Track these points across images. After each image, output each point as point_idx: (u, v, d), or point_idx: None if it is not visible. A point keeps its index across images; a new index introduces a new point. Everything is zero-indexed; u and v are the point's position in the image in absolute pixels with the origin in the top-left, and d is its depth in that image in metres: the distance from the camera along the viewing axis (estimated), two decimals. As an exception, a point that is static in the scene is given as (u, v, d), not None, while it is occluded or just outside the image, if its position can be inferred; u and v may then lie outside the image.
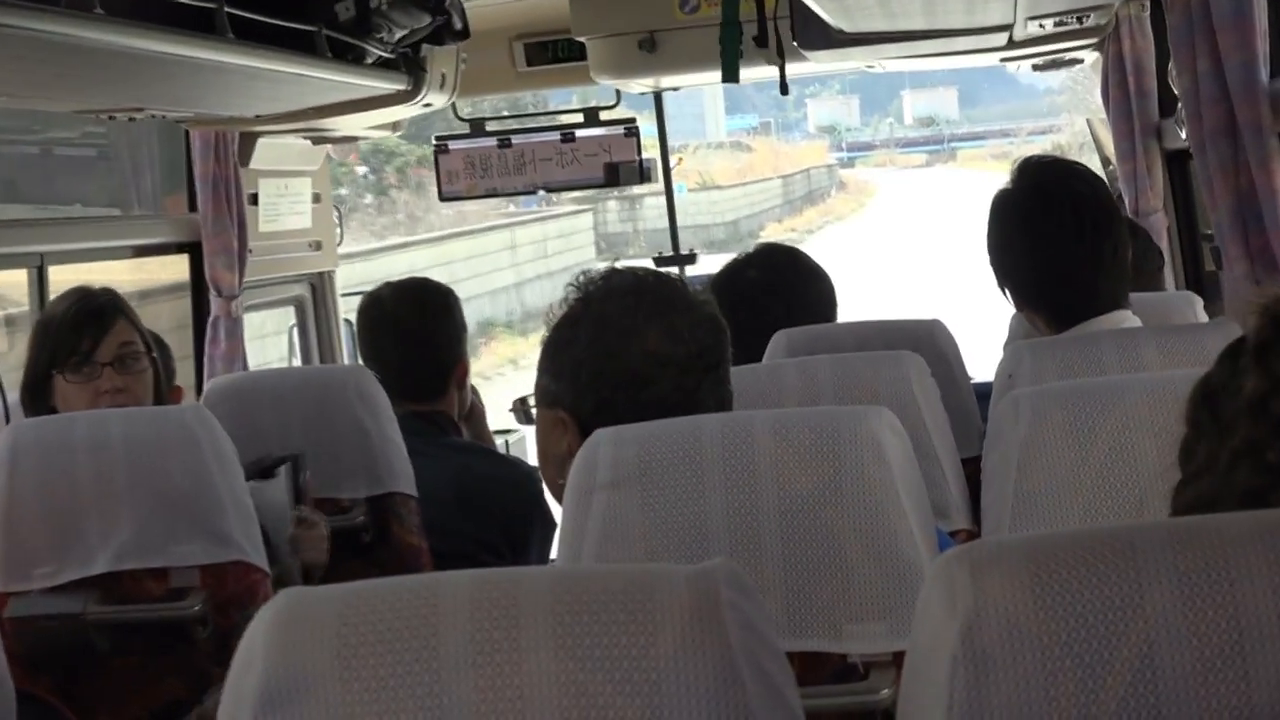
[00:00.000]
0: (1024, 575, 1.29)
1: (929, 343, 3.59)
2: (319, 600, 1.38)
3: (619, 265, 2.55)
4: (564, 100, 6.21)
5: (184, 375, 5.01)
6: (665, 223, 6.22)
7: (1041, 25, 4.25)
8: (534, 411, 2.59)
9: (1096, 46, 5.10)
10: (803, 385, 3.07)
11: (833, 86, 76.27)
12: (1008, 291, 3.41)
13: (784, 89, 4.78)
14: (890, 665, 2.18)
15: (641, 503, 2.17)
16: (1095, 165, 5.11)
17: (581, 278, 2.52)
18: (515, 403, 4.96)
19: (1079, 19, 4.24)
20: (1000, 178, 3.49)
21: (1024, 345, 3.07)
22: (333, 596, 1.38)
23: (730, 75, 4.53)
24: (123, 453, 3.07)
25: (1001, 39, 4.39)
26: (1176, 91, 3.50)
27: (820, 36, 4.29)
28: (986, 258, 3.39)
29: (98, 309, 3.50)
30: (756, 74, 4.95)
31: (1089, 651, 1.27)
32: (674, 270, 5.99)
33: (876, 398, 2.99)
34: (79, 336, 3.46)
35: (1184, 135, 3.60)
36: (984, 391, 3.84)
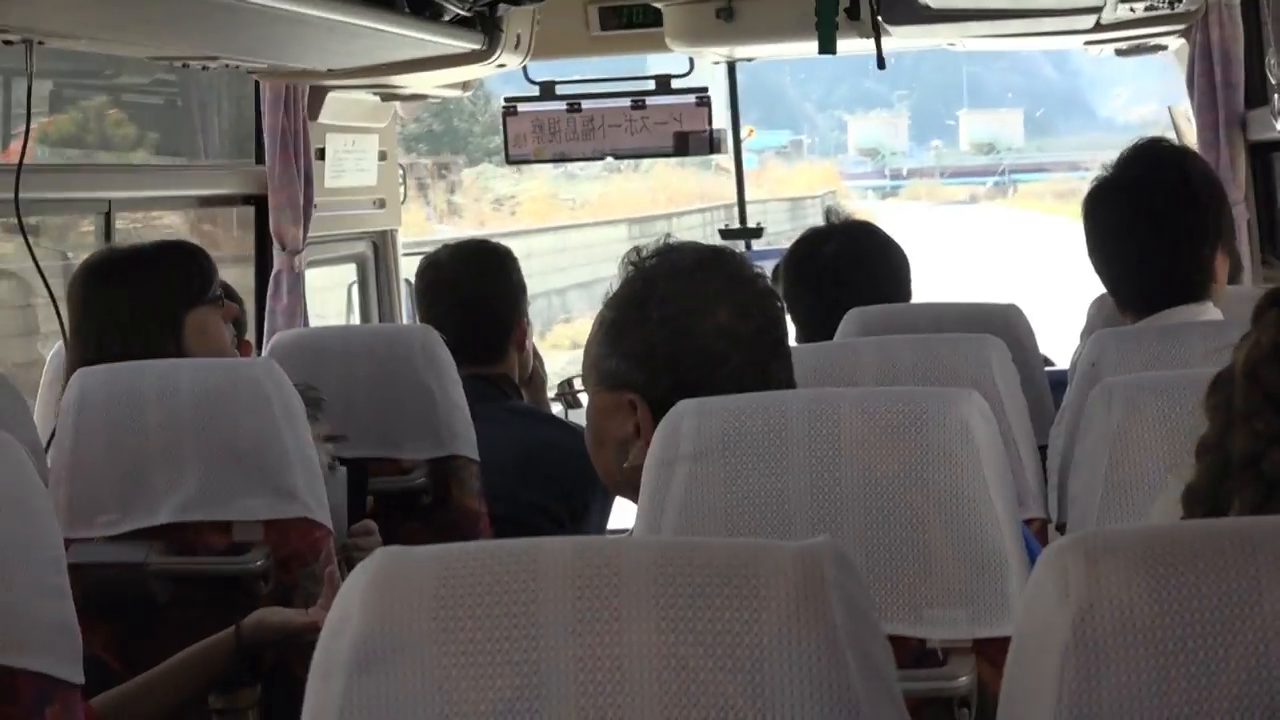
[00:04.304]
0: (1140, 567, 1.27)
1: (1005, 327, 3.55)
2: (418, 560, 1.36)
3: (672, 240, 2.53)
4: (634, 68, 6.16)
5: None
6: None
7: (1132, 9, 4.19)
8: (581, 396, 2.56)
9: (1183, 34, 5.04)
10: (881, 365, 3.03)
11: (893, 104, 70.40)
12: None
13: (881, 63, 4.73)
14: (969, 652, 2.15)
15: (724, 476, 2.14)
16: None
17: (636, 255, 2.48)
18: (561, 386, 4.90)
19: (1171, 3, 4.18)
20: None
21: (1108, 334, 3.04)
22: (432, 557, 1.36)
23: (827, 46, 4.49)
24: (191, 403, 3.05)
25: (1088, 21, 4.34)
26: (1275, 81, 3.44)
27: (906, 11, 4.25)
28: None
29: None
30: (844, 48, 4.90)
31: (1204, 648, 1.24)
32: (739, 244, 5.97)
33: (956, 380, 2.95)
34: None
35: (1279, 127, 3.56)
36: (1054, 379, 3.81)
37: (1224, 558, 1.26)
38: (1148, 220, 3.23)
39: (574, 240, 29.13)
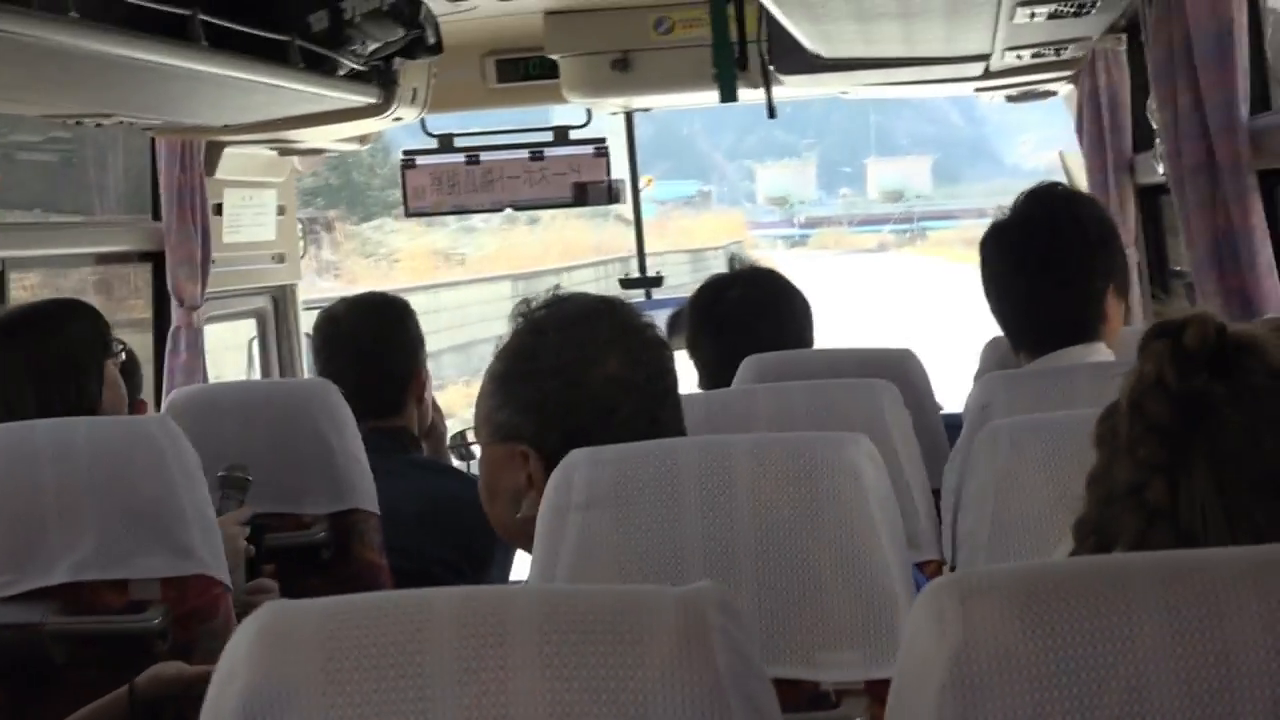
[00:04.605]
0: (1015, 605, 1.28)
1: (900, 372, 3.58)
2: (305, 613, 1.36)
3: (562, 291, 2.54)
4: (537, 119, 6.19)
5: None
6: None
7: (1019, 56, 4.26)
8: (474, 448, 2.56)
9: (1071, 79, 5.12)
10: (776, 411, 3.05)
11: (802, 153, 69.83)
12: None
13: (771, 112, 4.79)
14: (862, 694, 2.16)
15: (617, 525, 2.15)
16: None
17: (526, 306, 2.49)
18: (453, 439, 4.89)
19: (1056, 51, 4.26)
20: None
21: (998, 376, 3.08)
22: (319, 609, 1.36)
23: (728, 95, 4.55)
24: (86, 462, 3.03)
25: (978, 69, 4.41)
26: (1156, 126, 3.50)
27: (797, 61, 4.30)
28: None
29: None
30: (739, 97, 4.95)
31: (1079, 683, 1.26)
32: (638, 293, 5.99)
33: (850, 425, 2.97)
34: None
35: (1161, 170, 3.63)
36: (952, 423, 3.85)
37: (1099, 595, 1.27)
38: (1037, 260, 3.28)
39: (450, 300, 26.52)
